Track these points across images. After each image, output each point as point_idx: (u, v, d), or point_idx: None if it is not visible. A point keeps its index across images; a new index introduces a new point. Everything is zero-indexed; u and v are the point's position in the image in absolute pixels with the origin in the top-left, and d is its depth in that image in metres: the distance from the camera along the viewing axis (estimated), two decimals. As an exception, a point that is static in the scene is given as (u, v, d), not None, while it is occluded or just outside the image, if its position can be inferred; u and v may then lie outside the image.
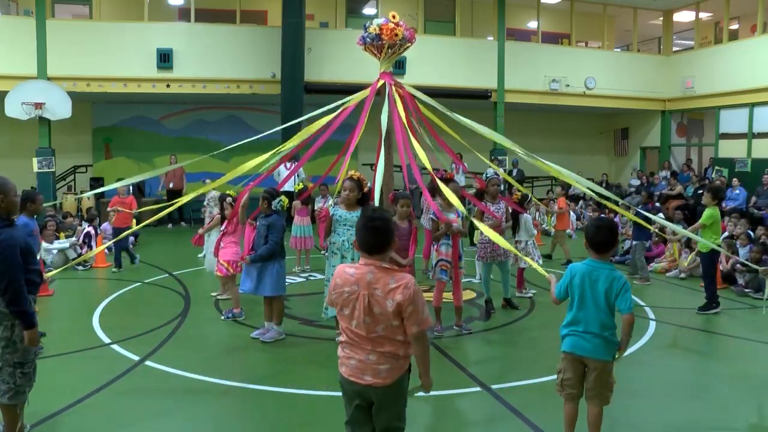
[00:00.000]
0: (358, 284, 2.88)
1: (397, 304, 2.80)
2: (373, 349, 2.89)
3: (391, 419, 2.98)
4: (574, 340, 3.72)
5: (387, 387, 2.90)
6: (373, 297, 2.84)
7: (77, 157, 16.52)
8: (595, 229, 3.72)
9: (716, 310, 7.38)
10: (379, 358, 2.88)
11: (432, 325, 6.03)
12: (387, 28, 6.48)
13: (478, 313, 7.36)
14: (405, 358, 2.93)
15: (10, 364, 3.63)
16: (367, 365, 2.90)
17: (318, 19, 16.80)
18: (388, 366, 2.89)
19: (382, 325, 2.86)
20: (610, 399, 3.70)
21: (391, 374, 2.89)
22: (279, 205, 6.14)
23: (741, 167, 15.23)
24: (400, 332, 2.87)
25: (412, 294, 2.81)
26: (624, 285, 3.60)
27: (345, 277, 2.93)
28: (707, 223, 7.19)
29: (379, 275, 2.86)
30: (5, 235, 3.55)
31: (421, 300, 2.86)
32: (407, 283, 2.83)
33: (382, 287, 2.84)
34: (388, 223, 2.92)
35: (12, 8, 15.13)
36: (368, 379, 2.90)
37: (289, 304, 7.47)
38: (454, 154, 7.49)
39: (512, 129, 16.36)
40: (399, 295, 2.80)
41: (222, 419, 4.47)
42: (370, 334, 2.88)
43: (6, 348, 3.62)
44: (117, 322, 6.89)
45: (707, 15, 18.29)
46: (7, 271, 3.50)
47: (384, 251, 2.91)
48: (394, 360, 2.89)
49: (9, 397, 3.65)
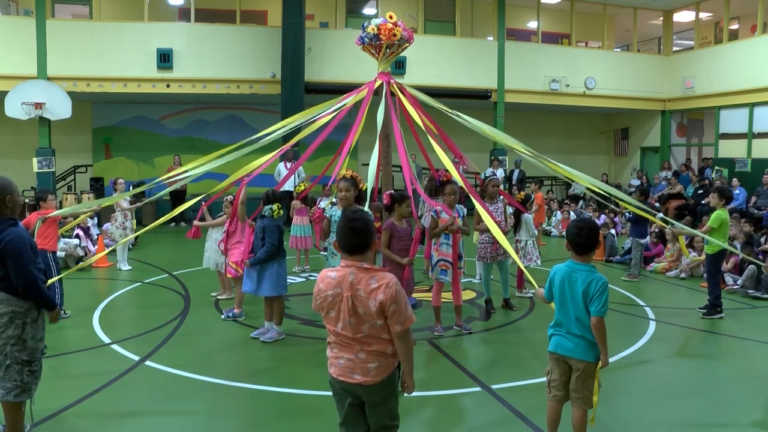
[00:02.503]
0: (340, 286, 2.89)
1: (379, 304, 2.81)
2: (362, 349, 2.90)
3: (384, 418, 3.00)
4: (558, 340, 3.73)
5: (376, 385, 2.92)
6: (357, 298, 2.85)
7: (77, 157, 16.51)
8: (576, 230, 3.69)
9: (720, 316, 7.22)
10: (367, 356, 2.90)
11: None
12: (385, 28, 6.49)
13: (478, 313, 7.36)
14: (393, 356, 2.94)
15: (18, 361, 3.66)
16: (356, 364, 2.92)
17: (318, 19, 16.81)
18: (377, 364, 2.91)
19: (368, 325, 2.87)
20: (593, 402, 3.65)
21: (380, 372, 2.91)
22: (269, 212, 6.08)
23: (741, 167, 15.23)
24: (385, 331, 2.89)
25: (394, 293, 2.82)
26: (601, 287, 3.54)
27: (327, 281, 2.94)
28: (715, 226, 6.99)
29: (361, 275, 2.86)
30: (15, 234, 3.61)
31: (404, 298, 2.87)
32: (388, 282, 2.84)
33: (364, 287, 2.84)
34: (367, 224, 2.91)
35: (12, 8, 15.13)
36: (358, 377, 2.91)
37: (289, 304, 7.48)
38: (457, 151, 7.44)
39: (512, 129, 16.26)
40: (381, 294, 2.81)
41: (222, 419, 4.47)
42: (357, 334, 2.89)
43: (14, 346, 3.64)
44: (117, 322, 6.89)
45: (707, 15, 18.29)
46: (23, 268, 3.58)
47: (364, 251, 2.91)
48: (382, 358, 2.91)
49: (15, 395, 3.67)
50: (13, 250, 3.56)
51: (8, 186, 3.68)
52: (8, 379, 3.65)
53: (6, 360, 3.63)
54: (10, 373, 3.65)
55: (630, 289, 8.76)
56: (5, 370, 3.64)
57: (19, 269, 3.57)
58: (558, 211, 14.98)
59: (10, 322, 3.62)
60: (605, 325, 3.58)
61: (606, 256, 11.04)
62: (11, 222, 3.66)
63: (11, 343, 3.63)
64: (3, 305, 3.61)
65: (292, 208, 9.32)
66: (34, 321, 3.72)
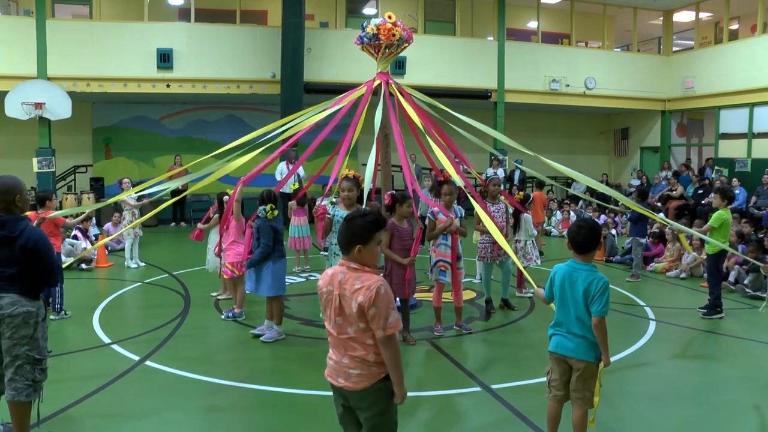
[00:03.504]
0: (332, 284, 2.88)
1: (358, 305, 2.75)
2: (346, 352, 2.86)
3: (373, 425, 2.90)
4: (558, 340, 3.73)
5: (359, 392, 2.85)
6: (343, 297, 2.82)
7: (77, 157, 16.51)
8: (577, 229, 3.70)
9: (720, 316, 7.22)
10: (350, 361, 2.85)
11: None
12: (384, 28, 6.48)
13: (478, 313, 7.36)
14: (379, 365, 2.83)
15: (30, 361, 3.68)
16: (340, 367, 2.89)
17: (318, 19, 16.81)
18: (359, 371, 2.83)
19: (353, 328, 2.82)
20: (594, 402, 3.65)
21: (361, 380, 2.84)
22: (262, 212, 6.06)
23: (741, 167, 15.24)
24: (368, 336, 2.80)
25: (374, 296, 2.72)
26: (601, 287, 3.54)
27: (325, 278, 2.94)
28: (716, 226, 6.99)
29: (349, 275, 2.84)
30: (36, 232, 3.70)
31: (387, 303, 2.75)
32: (371, 284, 2.75)
33: (349, 287, 2.81)
34: (365, 224, 2.87)
35: (12, 8, 15.13)
36: (341, 381, 2.88)
37: (289, 304, 7.47)
38: (457, 151, 7.43)
39: (512, 129, 16.36)
40: (361, 296, 2.75)
41: (222, 419, 4.47)
42: (341, 335, 2.86)
43: (26, 345, 3.67)
44: (117, 322, 6.89)
45: (707, 15, 18.29)
46: (54, 264, 3.74)
47: (345, 252, 2.88)
48: (365, 366, 2.83)
49: (27, 394, 3.68)
50: (41, 249, 3.64)
51: (18, 185, 3.70)
52: (19, 379, 3.66)
53: (17, 360, 3.65)
54: (22, 373, 3.66)
55: (630, 289, 8.76)
56: (16, 369, 3.65)
57: (50, 266, 3.69)
58: (558, 211, 14.98)
59: (24, 322, 3.65)
60: (606, 325, 3.58)
61: (606, 256, 11.04)
62: (24, 220, 3.69)
63: (23, 343, 3.65)
64: (17, 306, 3.63)
65: (290, 208, 9.31)
66: (42, 320, 3.77)
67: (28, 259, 3.60)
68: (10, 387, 3.65)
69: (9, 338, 3.63)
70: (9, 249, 3.58)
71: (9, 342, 3.64)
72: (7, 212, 3.64)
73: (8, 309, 3.60)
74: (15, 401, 3.67)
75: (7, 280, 3.60)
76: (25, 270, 3.62)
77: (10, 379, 3.65)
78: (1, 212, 3.63)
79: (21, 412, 3.72)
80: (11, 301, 3.61)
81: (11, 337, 3.63)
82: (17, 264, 3.60)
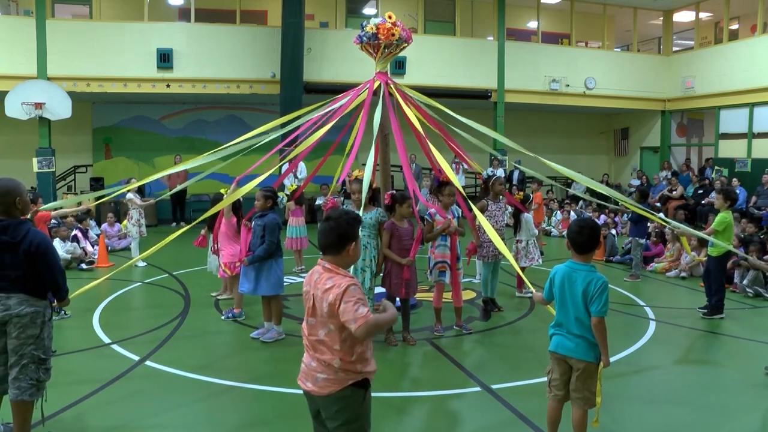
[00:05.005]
0: (309, 283, 2.89)
1: (329, 305, 2.73)
2: (314, 355, 2.84)
3: None
4: (558, 340, 3.73)
5: (324, 398, 2.81)
6: (316, 297, 2.82)
7: (77, 157, 16.51)
8: (577, 229, 3.70)
9: (721, 316, 7.19)
10: (318, 365, 2.82)
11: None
12: (384, 28, 6.47)
13: (478, 313, 7.36)
14: (344, 371, 2.78)
15: (35, 360, 3.70)
16: (309, 370, 2.86)
17: (318, 19, 16.81)
18: (325, 376, 2.79)
19: (324, 330, 2.79)
20: (594, 402, 3.65)
21: (326, 385, 2.79)
22: (282, 201, 6.19)
23: (741, 167, 15.23)
24: (337, 341, 2.76)
25: (341, 292, 2.70)
26: (600, 287, 3.54)
27: (308, 278, 2.94)
28: (719, 229, 6.89)
29: (323, 275, 2.83)
30: (40, 235, 3.71)
31: (354, 298, 2.69)
32: (340, 283, 2.74)
33: (321, 287, 2.79)
34: (338, 225, 2.84)
35: (12, 8, 15.12)
36: (309, 385, 2.85)
37: (289, 304, 7.48)
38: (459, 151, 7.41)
39: (512, 129, 16.37)
40: (331, 295, 2.72)
41: (222, 419, 4.47)
42: (311, 337, 2.84)
43: (32, 345, 3.69)
44: (117, 322, 6.89)
45: (707, 15, 18.29)
46: (58, 266, 3.76)
47: (332, 252, 2.85)
48: (331, 370, 2.78)
49: (30, 393, 3.70)
50: (45, 252, 3.65)
51: (17, 187, 3.71)
52: (24, 378, 3.67)
53: (23, 360, 3.67)
54: (27, 372, 3.68)
55: (630, 289, 8.75)
56: (21, 369, 3.67)
57: (53, 269, 3.70)
58: (558, 211, 14.98)
59: (32, 322, 3.68)
60: (605, 325, 3.58)
61: (606, 256, 11.04)
62: (26, 223, 3.69)
63: (29, 343, 3.67)
64: (25, 305, 3.66)
65: (288, 209, 9.32)
66: (49, 320, 3.79)
67: (32, 262, 3.63)
68: (14, 386, 3.67)
69: (16, 338, 3.65)
70: (13, 253, 3.60)
71: (16, 342, 3.66)
72: (8, 215, 3.65)
73: (16, 309, 3.63)
74: (18, 400, 3.69)
75: (14, 281, 3.63)
76: (30, 272, 3.65)
77: (14, 378, 3.67)
78: (2, 215, 3.64)
79: (23, 411, 3.73)
80: (19, 301, 3.65)
81: (18, 337, 3.65)
82: (22, 267, 3.62)
